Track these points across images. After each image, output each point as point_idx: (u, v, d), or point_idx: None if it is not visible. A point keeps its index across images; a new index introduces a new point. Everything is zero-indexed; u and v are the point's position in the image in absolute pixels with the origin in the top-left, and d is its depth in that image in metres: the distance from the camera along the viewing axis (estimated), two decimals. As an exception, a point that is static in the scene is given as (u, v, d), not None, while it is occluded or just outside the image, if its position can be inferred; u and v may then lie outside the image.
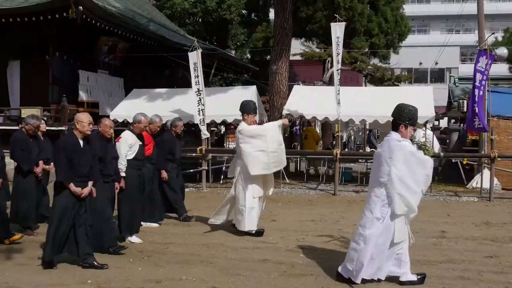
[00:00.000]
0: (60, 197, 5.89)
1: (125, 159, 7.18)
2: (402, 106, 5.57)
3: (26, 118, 8.15)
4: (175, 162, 9.02)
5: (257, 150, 7.49)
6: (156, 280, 5.51)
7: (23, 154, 7.79)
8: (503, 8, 45.10)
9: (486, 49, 12.37)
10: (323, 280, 5.54)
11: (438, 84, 36.03)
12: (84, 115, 6.13)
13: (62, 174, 5.85)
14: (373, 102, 13.74)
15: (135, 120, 7.61)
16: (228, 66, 21.61)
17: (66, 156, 5.83)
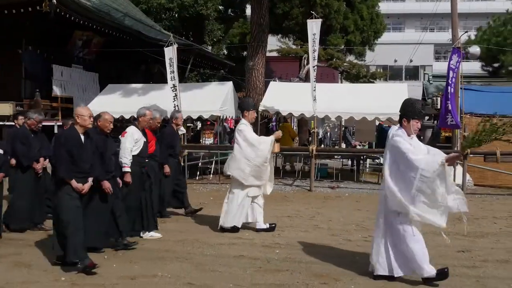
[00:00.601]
0: (62, 195, 5.64)
1: (130, 154, 6.95)
2: (406, 100, 5.50)
3: (28, 113, 7.91)
4: (176, 157, 8.81)
5: (243, 156, 7.43)
6: (130, 276, 5.46)
7: (23, 148, 7.54)
8: (476, 8, 45.82)
9: (459, 47, 12.56)
10: (298, 276, 5.56)
11: (412, 81, 36.44)
12: (84, 109, 5.95)
13: (64, 170, 5.62)
14: (349, 99, 13.86)
15: (139, 114, 7.38)
16: (205, 62, 21.53)
17: (67, 151, 5.64)
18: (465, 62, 14.45)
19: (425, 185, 5.04)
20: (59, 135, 5.90)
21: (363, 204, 10.72)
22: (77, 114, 5.86)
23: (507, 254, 6.56)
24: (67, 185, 5.64)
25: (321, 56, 22.56)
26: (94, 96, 15.24)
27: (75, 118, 5.88)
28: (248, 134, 7.53)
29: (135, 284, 5.25)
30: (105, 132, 6.51)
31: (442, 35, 43.76)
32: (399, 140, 5.23)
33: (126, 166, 6.92)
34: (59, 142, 5.76)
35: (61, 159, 5.66)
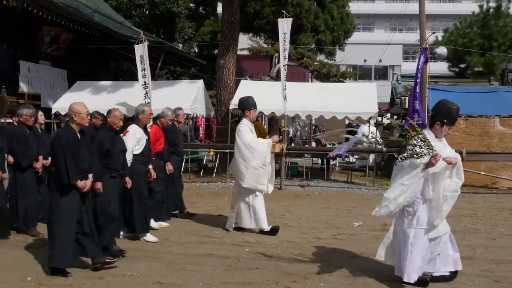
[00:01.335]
0: (63, 196, 5.44)
1: (131, 154, 6.81)
2: (443, 103, 5.21)
3: (19, 110, 7.56)
4: (178, 154, 8.65)
5: (240, 156, 7.41)
6: (99, 276, 5.40)
7: (21, 148, 7.26)
8: (444, 9, 46.61)
9: (427, 48, 12.79)
10: (268, 274, 5.59)
11: (381, 81, 36.91)
12: (81, 106, 5.60)
13: (72, 174, 5.36)
14: (319, 98, 13.97)
15: (138, 111, 7.20)
16: (175, 60, 21.34)
17: (70, 153, 5.39)
18: (432, 63, 14.72)
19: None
20: (58, 138, 5.57)
21: (333, 202, 10.83)
22: (74, 111, 5.53)
23: (472, 251, 6.71)
24: (69, 187, 5.43)
25: (292, 55, 22.63)
26: (63, 93, 15.00)
27: (71, 115, 5.58)
28: (246, 135, 7.48)
29: (103, 284, 5.20)
30: (114, 129, 6.35)
31: (410, 36, 44.33)
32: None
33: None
34: (61, 145, 5.42)
35: (67, 162, 5.37)
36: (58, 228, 5.42)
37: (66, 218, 5.41)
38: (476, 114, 13.85)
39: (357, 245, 6.98)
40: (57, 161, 5.47)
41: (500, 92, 15.40)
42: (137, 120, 7.19)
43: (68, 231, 5.41)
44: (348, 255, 6.46)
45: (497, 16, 21.74)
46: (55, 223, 5.44)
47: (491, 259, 6.31)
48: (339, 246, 6.93)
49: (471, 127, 13.74)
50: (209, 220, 8.52)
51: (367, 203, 10.63)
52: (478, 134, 13.72)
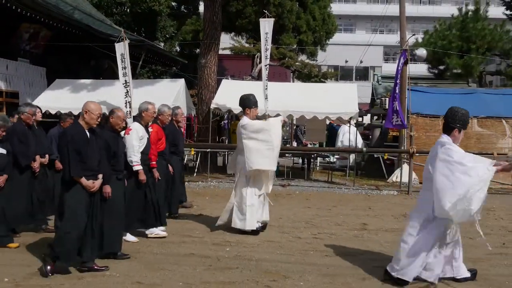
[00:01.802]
0: (70, 194, 5.37)
1: (138, 151, 6.71)
2: (456, 109, 5.41)
3: (20, 108, 7.40)
4: (178, 154, 8.53)
5: (262, 144, 7.31)
6: (78, 276, 5.36)
7: (22, 147, 7.08)
8: (424, 11, 47.15)
9: (407, 49, 12.92)
10: (248, 273, 5.60)
11: (362, 81, 37.22)
12: (95, 105, 5.58)
13: (73, 169, 5.30)
14: (300, 98, 14.02)
15: (142, 109, 7.07)
16: (157, 59, 21.20)
17: (75, 149, 5.33)
18: (412, 64, 14.87)
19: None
20: (65, 133, 5.51)
21: (313, 202, 10.88)
22: (87, 109, 5.48)
23: (449, 250, 6.79)
24: (76, 185, 5.36)
25: (274, 55, 22.71)
26: (41, 91, 14.83)
27: (82, 112, 5.51)
28: (255, 123, 7.46)
29: (82, 284, 5.16)
30: (116, 130, 6.23)
31: (391, 37, 44.80)
32: (457, 150, 5.20)
33: (137, 164, 6.68)
34: (65, 140, 5.38)
35: (69, 157, 5.31)
36: (63, 226, 5.37)
37: (73, 215, 5.34)
38: (454, 115, 14.00)
39: (336, 244, 7.03)
40: (62, 157, 5.44)
41: (478, 93, 15.62)
42: (139, 118, 7.10)
43: (74, 230, 5.32)
44: (328, 254, 6.50)
45: (476, 19, 22.07)
46: (62, 219, 5.40)
47: (468, 258, 6.39)
48: (319, 245, 6.97)
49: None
50: (190, 219, 8.51)
51: (348, 203, 10.72)
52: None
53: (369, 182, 14.02)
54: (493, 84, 33.89)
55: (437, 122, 13.95)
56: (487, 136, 13.78)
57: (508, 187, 13.18)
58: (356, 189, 12.75)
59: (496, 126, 13.80)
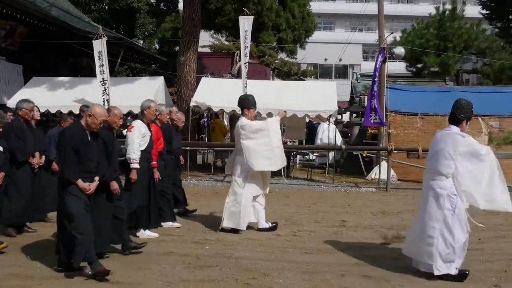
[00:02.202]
0: (68, 196, 5.25)
1: (139, 149, 6.61)
2: (464, 102, 5.60)
3: (18, 104, 7.29)
4: (173, 153, 8.40)
5: (261, 145, 7.28)
6: (56, 276, 5.31)
7: (19, 143, 6.97)
8: (402, 10, 47.58)
9: (384, 47, 13.03)
10: (228, 271, 5.61)
11: (341, 80, 37.40)
12: (100, 109, 5.46)
13: (70, 170, 5.21)
14: (280, 96, 14.04)
15: (144, 107, 7.00)
16: (136, 56, 21.05)
17: (73, 149, 5.21)
18: (391, 62, 14.99)
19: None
20: (64, 132, 5.40)
21: (293, 199, 10.92)
22: (91, 112, 5.36)
23: (427, 246, 6.88)
24: (72, 185, 5.27)
25: (253, 53, 22.70)
26: (18, 89, 14.61)
27: (86, 114, 5.41)
28: (254, 124, 7.43)
29: (60, 284, 5.12)
30: (113, 128, 6.15)
31: (370, 36, 45.06)
32: (473, 139, 5.48)
33: (135, 162, 6.59)
34: (65, 139, 5.29)
35: (67, 158, 5.23)
36: (66, 228, 5.25)
37: (72, 217, 5.23)
38: (432, 113, 14.19)
39: (316, 242, 7.07)
40: (60, 156, 5.33)
41: (455, 91, 15.80)
42: (141, 116, 7.03)
43: (82, 228, 5.22)
44: (307, 251, 6.53)
45: (453, 18, 22.35)
46: (63, 222, 5.29)
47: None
48: (298, 243, 7.01)
49: (427, 125, 14.08)
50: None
51: (327, 200, 10.79)
52: (433, 132, 13.82)
53: (348, 179, 14.12)
54: (469, 82, 34.36)
55: (414, 120, 14.12)
56: (464, 133, 13.96)
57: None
58: (335, 187, 12.83)
59: (473, 123, 13.94)
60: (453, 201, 5.37)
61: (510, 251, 6.64)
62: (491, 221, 8.65)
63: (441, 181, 5.44)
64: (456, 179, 5.36)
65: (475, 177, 5.35)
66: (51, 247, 6.35)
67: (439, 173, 5.46)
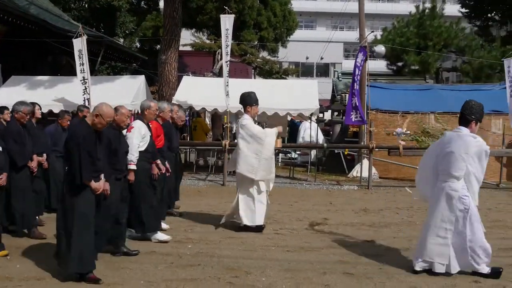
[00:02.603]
0: (78, 198, 5.15)
1: (137, 150, 6.51)
2: (473, 102, 5.60)
3: (15, 106, 7.06)
4: (172, 150, 8.29)
5: (250, 151, 7.30)
6: (36, 277, 5.25)
7: (17, 147, 6.79)
8: (383, 8, 47.90)
9: (365, 46, 13.10)
10: (210, 270, 5.61)
11: (323, 78, 37.54)
12: (108, 109, 5.35)
13: (86, 173, 5.08)
14: (262, 95, 13.92)
15: (144, 106, 6.92)
16: (116, 55, 20.88)
17: (87, 151, 5.10)
18: (371, 61, 15.09)
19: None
20: (75, 134, 5.23)
21: (275, 197, 10.90)
22: (98, 112, 5.26)
23: (408, 243, 6.96)
24: (84, 187, 5.16)
25: (235, 52, 22.69)
26: (-4, 88, 14.42)
27: (93, 113, 5.30)
28: (253, 128, 7.42)
29: (40, 285, 5.07)
30: (121, 127, 6.07)
31: (351, 34, 45.35)
32: (483, 141, 5.50)
33: (133, 164, 6.47)
34: (77, 142, 5.10)
35: (83, 161, 5.08)
36: (75, 232, 5.13)
37: (83, 220, 5.15)
38: (412, 111, 14.32)
39: (298, 240, 7.10)
40: (71, 159, 5.15)
41: (435, 89, 16.00)
42: (142, 116, 6.96)
43: (86, 234, 5.16)
44: (290, 249, 6.56)
45: (432, 16, 22.56)
46: (72, 226, 5.15)
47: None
48: (280, 241, 7.03)
49: (408, 123, 14.20)
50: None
51: (309, 198, 10.82)
52: (414, 130, 14.20)
53: (330, 177, 14.18)
54: (449, 80, 34.73)
55: (395, 118, 14.22)
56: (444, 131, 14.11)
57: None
58: (317, 185, 12.88)
59: (453, 121, 14.11)
60: (466, 202, 5.43)
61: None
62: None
63: (453, 183, 5.47)
64: (468, 180, 5.43)
65: (481, 174, 5.46)
66: (31, 247, 6.30)
67: (451, 175, 5.48)
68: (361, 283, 5.28)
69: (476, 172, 5.43)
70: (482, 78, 21.70)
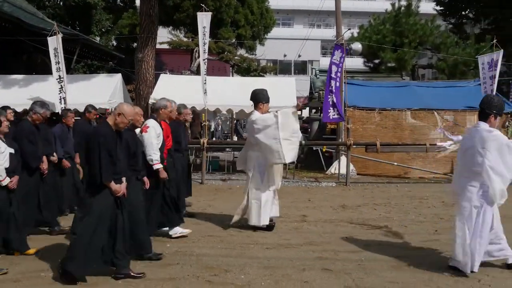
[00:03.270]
0: (97, 199, 5.11)
1: (157, 150, 6.43)
2: (492, 97, 5.64)
3: (35, 107, 6.95)
4: (181, 152, 8.20)
5: (270, 138, 7.23)
6: (13, 279, 5.18)
7: (31, 148, 6.69)
8: (359, 6, 48.19)
9: (342, 43, 13.16)
10: (189, 268, 5.59)
11: (301, 75, 37.68)
12: (129, 108, 5.31)
13: (107, 173, 5.05)
14: (240, 92, 14.02)
15: (160, 106, 6.86)
16: (92, 53, 20.64)
17: (108, 151, 5.05)
18: (348, 58, 15.20)
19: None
20: (96, 134, 5.17)
21: (254, 195, 10.93)
22: (120, 111, 5.20)
23: (386, 238, 7.03)
24: (104, 189, 5.11)
25: (213, 50, 22.66)
26: (-31, 87, 14.16)
27: (114, 113, 5.24)
28: (264, 117, 7.37)
29: (16, 287, 4.99)
30: (135, 127, 5.98)
31: (328, 32, 45.53)
32: (501, 134, 5.45)
33: (158, 163, 6.40)
34: (98, 142, 5.05)
35: (103, 161, 5.03)
36: (85, 232, 5.09)
37: (96, 221, 5.08)
38: (389, 108, 14.46)
39: (276, 237, 7.12)
40: (92, 159, 5.08)
41: (411, 86, 16.16)
42: (156, 115, 6.89)
43: (96, 237, 5.09)
44: (268, 247, 6.57)
45: (408, 14, 22.83)
46: (84, 225, 5.12)
47: (403, 245, 6.65)
48: (259, 238, 7.03)
49: (385, 120, 14.35)
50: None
51: (287, 196, 10.84)
52: (391, 127, 14.35)
53: (309, 174, 14.25)
54: (425, 77, 35.18)
55: (372, 115, 14.35)
56: (420, 127, 14.29)
57: (439, 176, 13.74)
58: (295, 182, 12.93)
59: (429, 117, 14.33)
60: (482, 200, 5.43)
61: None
62: (448, 212, 8.93)
63: (472, 179, 5.48)
64: (487, 175, 5.35)
65: (504, 169, 5.36)
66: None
67: (470, 170, 5.50)
68: (340, 279, 5.32)
69: (496, 167, 5.33)
70: (457, 75, 22.04)
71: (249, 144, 7.65)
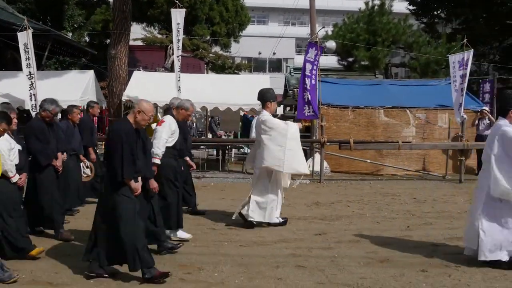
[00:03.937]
0: (122, 198, 5.03)
1: (164, 145, 6.31)
2: (509, 92, 5.72)
3: (44, 103, 6.78)
4: (188, 150, 8.09)
5: (274, 144, 7.23)
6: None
7: (41, 145, 6.51)
8: (334, 5, 48.42)
9: (316, 41, 13.22)
10: (162, 267, 5.52)
11: (275, 73, 37.70)
12: (149, 105, 5.24)
13: (129, 170, 4.97)
14: (214, 90, 14.02)
15: (182, 106, 6.80)
16: (64, 49, 20.33)
17: (129, 148, 4.98)
18: (322, 56, 15.25)
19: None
20: (117, 130, 5.09)
21: (228, 192, 10.94)
22: (140, 109, 5.13)
23: (359, 235, 7.09)
24: (125, 187, 5.05)
25: (187, 47, 22.55)
26: None
27: (134, 111, 5.14)
28: (274, 121, 7.40)
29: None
30: (146, 124, 5.81)
31: (303, 30, 45.67)
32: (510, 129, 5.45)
33: (157, 158, 6.27)
34: (119, 139, 4.98)
35: (125, 157, 4.95)
36: (122, 229, 5.01)
37: (124, 219, 5.01)
38: (362, 106, 14.58)
39: (251, 234, 7.12)
40: (113, 156, 4.99)
41: (384, 84, 16.33)
42: (175, 112, 6.83)
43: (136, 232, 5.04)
44: (242, 244, 6.57)
45: (381, 13, 23.06)
46: (117, 224, 5.02)
47: (375, 242, 6.71)
48: (233, 236, 7.03)
49: (358, 117, 14.47)
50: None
51: (262, 193, 10.85)
52: (364, 124, 14.47)
53: (283, 172, 14.26)
54: (398, 75, 35.60)
55: (346, 113, 14.45)
56: (393, 125, 14.45)
57: (411, 173, 13.92)
58: (270, 179, 12.93)
59: (401, 115, 14.49)
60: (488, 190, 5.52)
61: (436, 238, 6.93)
62: (419, 208, 9.05)
63: (487, 172, 5.57)
64: (489, 163, 5.48)
65: (508, 165, 5.41)
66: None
67: (485, 162, 5.66)
68: (313, 275, 5.34)
69: (497, 157, 5.44)
70: (429, 73, 22.35)
71: (258, 143, 7.66)
